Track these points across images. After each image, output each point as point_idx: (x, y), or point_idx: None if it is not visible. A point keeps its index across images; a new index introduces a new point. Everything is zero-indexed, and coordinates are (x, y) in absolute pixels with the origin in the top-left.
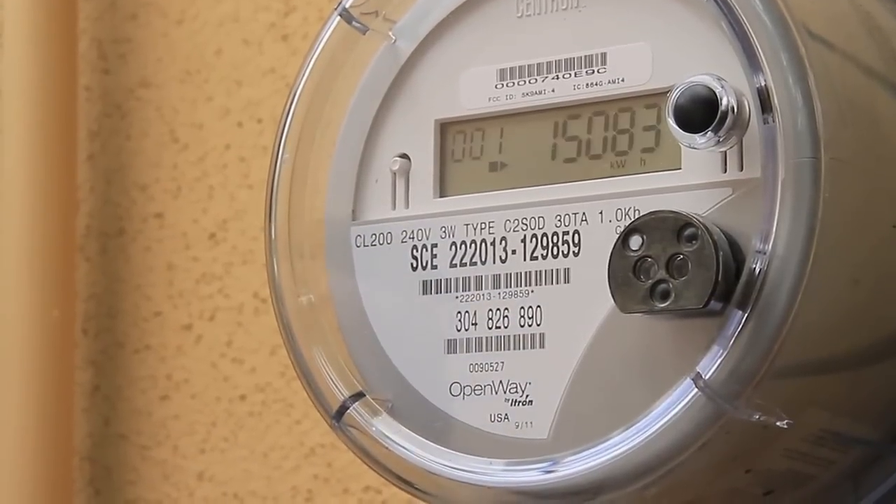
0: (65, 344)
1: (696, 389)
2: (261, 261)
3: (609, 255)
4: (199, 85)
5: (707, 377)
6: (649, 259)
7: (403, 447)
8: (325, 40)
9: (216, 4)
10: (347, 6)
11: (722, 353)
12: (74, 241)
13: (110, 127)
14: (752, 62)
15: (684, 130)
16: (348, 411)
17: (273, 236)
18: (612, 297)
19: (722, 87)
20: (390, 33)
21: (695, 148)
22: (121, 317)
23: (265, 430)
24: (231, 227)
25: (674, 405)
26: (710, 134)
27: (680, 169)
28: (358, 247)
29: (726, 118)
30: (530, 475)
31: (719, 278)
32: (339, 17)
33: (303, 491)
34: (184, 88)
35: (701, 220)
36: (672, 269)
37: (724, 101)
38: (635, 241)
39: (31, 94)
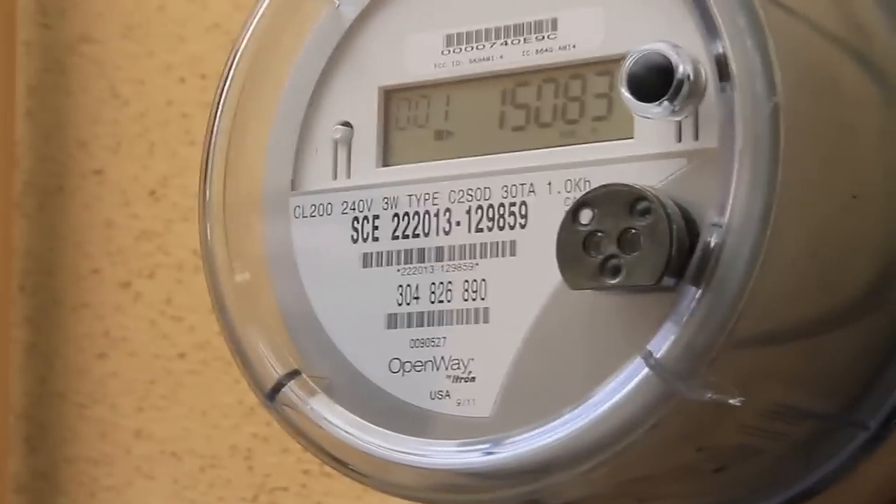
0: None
1: (646, 368)
2: None
3: (557, 229)
4: (140, 40)
5: (658, 355)
6: (600, 233)
7: (340, 428)
8: (264, 6)
9: None
10: None
11: (674, 331)
12: (11, 198)
13: (50, 83)
14: (709, 28)
15: (638, 100)
16: (283, 390)
17: (207, 200)
18: (561, 273)
19: (678, 54)
20: None
21: (649, 118)
22: (59, 274)
23: (205, 388)
24: (172, 183)
25: (623, 384)
26: (665, 103)
27: (632, 138)
28: (297, 218)
29: (682, 87)
30: (472, 456)
31: (673, 253)
32: None
33: (242, 450)
34: (125, 44)
35: (655, 193)
36: (624, 244)
37: (680, 69)
38: (585, 216)
39: None
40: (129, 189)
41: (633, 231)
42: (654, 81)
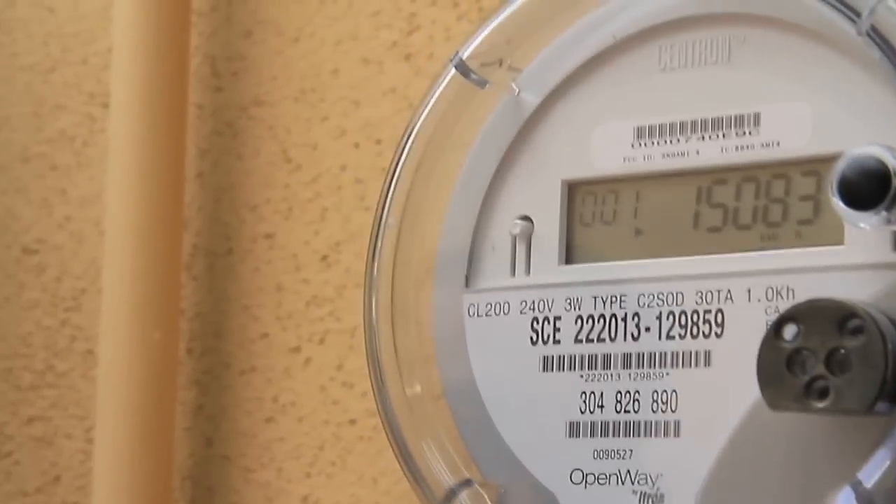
0: (167, 364)
1: (856, 500)
2: None
3: (759, 345)
4: (314, 104)
5: (870, 485)
6: (805, 352)
7: None
8: (437, 95)
9: (334, 22)
10: (464, 57)
11: (888, 459)
12: (179, 260)
13: (221, 145)
14: None
15: (851, 208)
16: (454, 501)
17: (373, 305)
18: (762, 392)
19: (894, 157)
20: (514, 84)
21: (862, 227)
22: (227, 337)
23: (376, 455)
24: (344, 249)
25: None
26: (882, 213)
27: (842, 245)
28: (471, 317)
29: None
30: None
31: (888, 377)
32: (454, 70)
33: None
34: (298, 108)
35: (867, 310)
36: (832, 365)
37: None
38: (790, 331)
39: (139, 109)
40: (301, 254)
41: (843, 351)
42: (869, 188)
